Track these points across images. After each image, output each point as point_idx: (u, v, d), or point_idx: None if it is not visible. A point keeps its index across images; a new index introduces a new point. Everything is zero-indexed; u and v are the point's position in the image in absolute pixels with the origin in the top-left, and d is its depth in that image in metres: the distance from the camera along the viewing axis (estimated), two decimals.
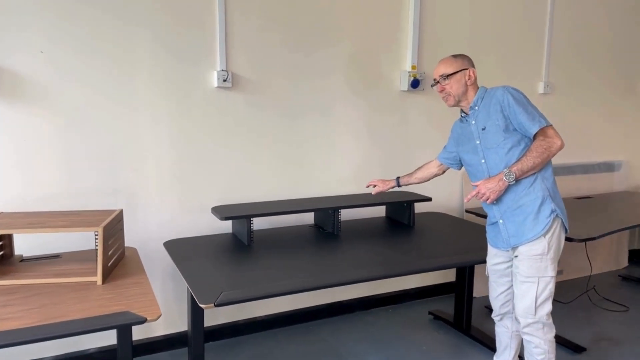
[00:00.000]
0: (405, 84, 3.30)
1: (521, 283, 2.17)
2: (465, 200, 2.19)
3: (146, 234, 2.72)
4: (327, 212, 2.86)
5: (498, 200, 2.19)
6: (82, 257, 2.25)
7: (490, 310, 3.43)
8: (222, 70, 2.75)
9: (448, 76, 2.23)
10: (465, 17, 3.48)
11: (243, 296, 1.91)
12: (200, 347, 2.23)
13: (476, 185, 2.16)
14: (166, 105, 2.67)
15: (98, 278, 1.95)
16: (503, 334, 2.46)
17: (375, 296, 3.48)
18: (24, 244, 2.44)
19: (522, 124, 2.09)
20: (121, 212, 2.25)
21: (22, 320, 1.62)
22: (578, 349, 2.90)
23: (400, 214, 3.13)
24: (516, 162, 2.09)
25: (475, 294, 3.66)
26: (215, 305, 1.81)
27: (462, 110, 2.34)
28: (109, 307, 1.74)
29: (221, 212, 2.57)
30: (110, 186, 2.60)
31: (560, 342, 2.97)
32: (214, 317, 2.96)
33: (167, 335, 2.85)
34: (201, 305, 1.80)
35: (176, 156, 2.74)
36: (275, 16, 2.88)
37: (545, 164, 2.11)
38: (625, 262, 4.45)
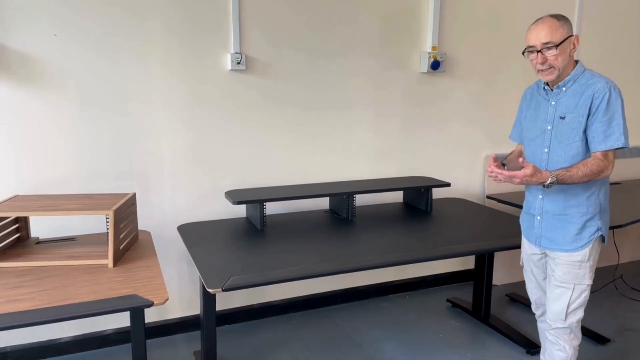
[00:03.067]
0: (425, 66, 3.20)
1: (555, 287, 2.05)
2: (490, 173, 1.93)
3: (162, 218, 2.73)
4: (342, 197, 2.81)
5: (544, 195, 2.03)
6: (96, 240, 2.27)
7: (512, 299, 3.36)
8: (236, 52, 2.71)
9: (557, 46, 1.87)
10: None
11: (251, 281, 1.90)
12: (212, 330, 2.23)
13: (521, 167, 1.89)
14: (179, 88, 2.66)
15: (109, 261, 1.96)
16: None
17: (393, 282, 3.44)
18: (42, 227, 2.48)
19: (595, 134, 1.86)
20: (134, 195, 2.26)
21: (33, 301, 1.64)
22: (602, 339, 2.80)
23: (418, 200, 3.07)
24: (566, 169, 1.88)
25: (495, 282, 3.58)
26: (223, 290, 1.80)
27: (545, 82, 2.02)
28: (118, 290, 1.75)
29: (234, 196, 2.55)
30: (125, 170, 2.61)
31: (584, 332, 2.88)
32: (229, 300, 2.97)
33: (183, 318, 2.88)
34: (209, 290, 1.79)
35: (191, 140, 2.73)
36: (291, 2, 2.82)
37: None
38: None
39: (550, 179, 1.86)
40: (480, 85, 3.43)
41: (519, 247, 2.59)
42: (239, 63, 2.71)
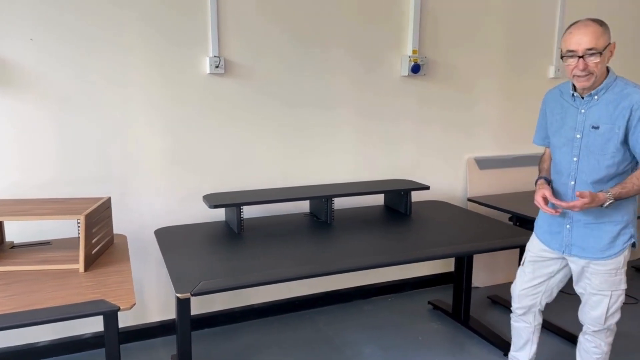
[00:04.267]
0: (406, 69, 3.21)
1: (592, 295, 2.07)
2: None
3: (140, 222, 2.73)
4: (321, 200, 2.82)
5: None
6: (71, 245, 2.27)
7: (494, 301, 3.37)
8: (215, 56, 2.71)
9: (601, 53, 1.81)
10: None
11: (223, 285, 1.90)
12: (187, 334, 2.23)
13: (576, 196, 1.90)
14: (158, 92, 2.66)
15: (80, 266, 1.96)
16: (524, 329, 2.32)
17: (375, 285, 3.44)
18: (20, 231, 2.47)
19: None
20: (109, 199, 2.26)
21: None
22: (573, 338, 2.80)
23: (398, 203, 3.07)
24: (621, 187, 1.88)
25: (478, 284, 3.60)
26: (192, 295, 1.81)
27: (573, 87, 1.98)
28: (86, 295, 1.75)
29: (212, 200, 2.55)
30: (103, 173, 2.62)
31: (563, 335, 2.90)
32: (209, 304, 2.97)
33: (162, 322, 2.88)
34: (177, 295, 1.80)
35: (170, 144, 2.73)
36: (271, 0, 2.82)
37: None
38: None
39: (608, 201, 1.87)
40: (461, 89, 3.44)
41: (498, 249, 2.61)
42: (217, 67, 2.72)
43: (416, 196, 3.19)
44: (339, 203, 3.03)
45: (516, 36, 3.54)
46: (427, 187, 3.02)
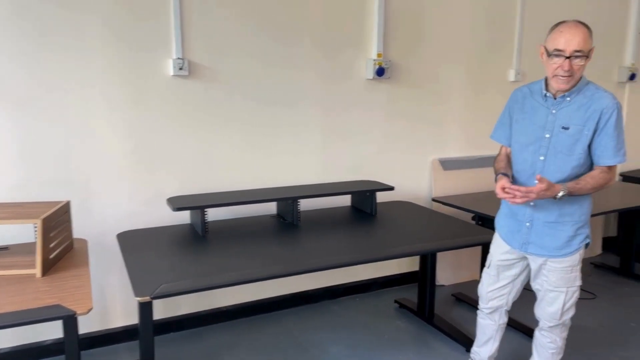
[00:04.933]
0: (371, 72, 3.26)
1: (549, 291, 2.13)
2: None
3: (103, 225, 2.69)
4: (286, 202, 2.83)
5: (537, 203, 2.05)
6: (29, 250, 2.22)
7: (459, 299, 3.44)
8: (178, 58, 2.70)
9: (587, 56, 1.85)
10: (436, 1, 3.42)
11: (184, 288, 1.90)
12: (149, 339, 2.21)
13: (533, 181, 1.97)
14: (121, 94, 2.63)
15: (37, 271, 1.92)
16: (489, 327, 2.38)
17: (343, 285, 3.47)
18: None
19: (606, 150, 1.92)
20: (67, 203, 2.23)
21: None
22: (530, 332, 2.89)
23: (364, 203, 3.11)
24: (576, 182, 1.94)
25: (443, 282, 3.67)
26: (152, 298, 1.80)
27: (546, 87, 2.01)
28: (42, 300, 1.72)
29: (175, 202, 2.54)
30: (64, 177, 2.57)
31: (522, 329, 2.98)
32: (175, 307, 2.95)
33: (126, 327, 2.84)
34: (136, 298, 1.78)
35: (133, 146, 2.70)
36: (236, 1, 2.82)
37: None
38: (598, 250, 4.45)
39: (562, 192, 1.91)
40: (425, 92, 3.51)
41: (461, 247, 2.68)
42: (181, 69, 2.71)
43: (382, 197, 3.23)
44: (306, 204, 3.05)
45: (478, 41, 3.63)
46: (391, 188, 3.07)
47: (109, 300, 2.79)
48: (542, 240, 2.09)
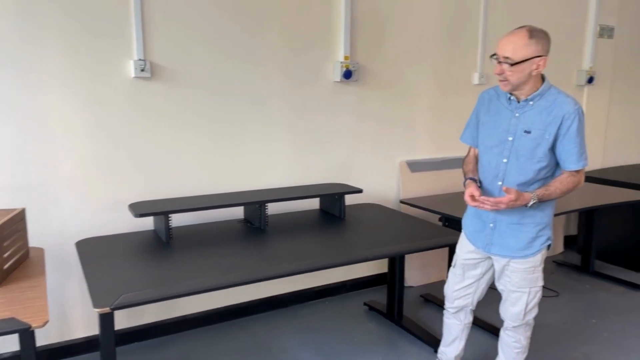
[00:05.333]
0: (338, 75, 3.25)
1: (512, 292, 2.16)
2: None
3: (62, 233, 2.59)
4: (254, 206, 2.79)
5: None
6: None
7: (427, 300, 3.47)
8: (140, 59, 2.62)
9: (513, 64, 1.88)
10: (403, 3, 3.44)
11: (146, 298, 1.84)
12: (110, 351, 2.13)
13: (501, 192, 2.00)
14: (80, 97, 2.53)
15: None
16: (455, 326, 2.41)
17: (312, 289, 3.45)
18: None
19: (570, 155, 1.95)
20: (22, 211, 2.12)
21: None
22: (496, 331, 2.94)
23: (332, 206, 3.10)
24: (545, 189, 1.98)
25: (411, 283, 3.69)
26: (112, 309, 1.73)
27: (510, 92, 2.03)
28: None
29: (138, 208, 2.47)
30: (20, 183, 2.46)
31: (489, 329, 3.02)
32: (138, 316, 2.86)
33: (88, 337, 2.74)
34: (95, 310, 1.71)
35: (93, 150, 2.61)
36: (200, 2, 2.77)
37: None
38: (560, 248, 4.57)
39: (533, 201, 1.95)
40: (392, 94, 3.52)
41: (429, 249, 2.70)
42: (143, 70, 2.63)
43: (350, 199, 3.23)
44: (273, 208, 3.01)
45: (443, 44, 3.67)
46: (360, 191, 3.07)
47: (69, 310, 2.68)
48: (504, 241, 2.12)
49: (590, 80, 4.41)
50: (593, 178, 4.36)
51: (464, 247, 2.29)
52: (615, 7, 4.47)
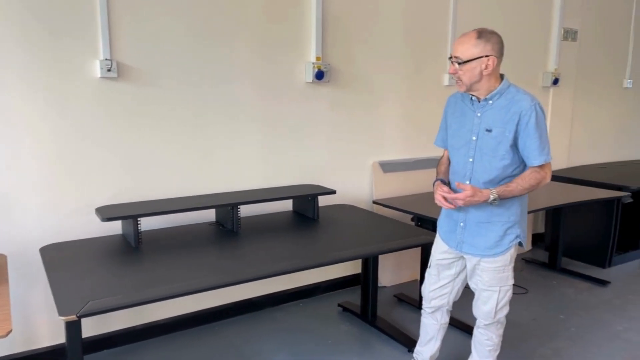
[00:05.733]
0: (310, 76, 3.24)
1: (483, 291, 2.19)
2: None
3: (26, 239, 2.49)
4: (226, 208, 2.75)
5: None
6: None
7: (400, 300, 3.49)
8: (106, 59, 2.55)
9: (462, 63, 1.95)
10: (373, 5, 3.45)
11: (114, 304, 1.78)
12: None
13: (461, 189, 2.02)
14: (42, 97, 2.45)
15: None
16: (431, 326, 2.42)
17: (286, 291, 3.43)
18: None
19: (530, 150, 1.97)
20: None
21: None
22: (471, 330, 2.98)
23: (306, 208, 3.09)
24: (506, 185, 1.99)
25: (385, 284, 3.71)
26: (78, 317, 1.67)
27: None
28: None
29: (105, 212, 2.40)
30: None
31: (453, 323, 3.05)
32: (107, 323, 2.78)
33: (54, 346, 2.64)
34: (61, 317, 1.65)
35: (58, 153, 2.52)
36: (168, 2, 2.71)
37: None
38: (529, 246, 4.68)
39: (492, 197, 1.97)
40: (364, 96, 3.54)
41: (402, 249, 2.71)
42: (109, 70, 2.56)
43: (324, 200, 3.22)
44: (246, 210, 2.97)
45: (413, 46, 3.71)
46: (333, 192, 3.07)
47: (34, 319, 2.59)
48: (474, 239, 2.15)
49: (556, 81, 4.52)
50: (559, 177, 4.48)
51: (438, 248, 2.32)
52: (578, 10, 4.61)
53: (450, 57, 2.02)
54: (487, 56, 1.94)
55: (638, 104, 5.48)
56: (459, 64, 1.96)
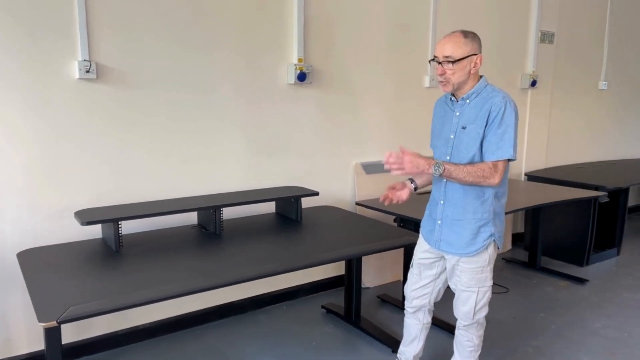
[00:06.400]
0: (292, 77, 3.23)
1: (462, 291, 2.20)
2: (385, 158, 1.99)
3: (3, 243, 2.43)
4: (209, 211, 2.73)
5: (445, 201, 2.14)
6: None
7: (384, 300, 3.50)
8: (85, 60, 2.51)
9: (455, 62, 1.96)
10: (355, 8, 3.47)
11: (96, 309, 1.75)
12: None
13: (402, 153, 1.98)
14: (20, 98, 2.39)
15: None
16: (414, 326, 2.43)
17: (269, 294, 3.41)
18: None
19: (489, 144, 1.98)
20: None
21: None
22: (452, 329, 3.00)
23: (289, 210, 3.08)
24: (454, 164, 2.00)
25: (368, 285, 3.72)
26: (59, 323, 1.64)
27: (452, 93, 2.12)
28: None
29: (85, 216, 2.35)
30: None
31: (437, 323, 3.08)
32: (86, 329, 2.73)
33: (31, 354, 2.58)
34: (40, 324, 1.61)
35: (35, 156, 2.47)
36: (149, 2, 2.68)
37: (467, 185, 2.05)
38: (509, 246, 4.74)
39: (434, 166, 1.94)
40: (347, 97, 3.55)
41: (385, 250, 2.72)
42: (88, 71, 2.52)
43: (307, 202, 3.21)
44: (229, 213, 2.95)
45: (393, 48, 3.73)
46: (316, 193, 3.06)
47: (12, 325, 2.52)
48: (449, 237, 2.17)
49: (534, 83, 4.60)
50: (537, 177, 4.56)
51: (420, 247, 2.34)
52: (555, 14, 4.70)
53: (433, 59, 2.04)
54: (475, 54, 2.00)
55: (613, 106, 5.62)
56: (452, 62, 1.97)
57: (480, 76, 2.10)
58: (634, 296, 3.64)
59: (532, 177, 4.64)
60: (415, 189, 2.30)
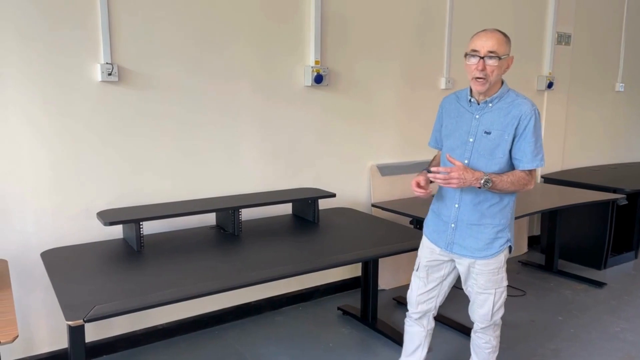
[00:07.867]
0: (309, 79, 3.25)
1: (479, 294, 2.18)
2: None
3: (26, 244, 2.48)
4: (227, 212, 2.75)
5: (461, 205, 2.11)
6: None
7: (399, 302, 3.50)
8: (107, 63, 2.55)
9: (500, 58, 1.91)
10: (371, 10, 3.48)
11: (120, 309, 1.78)
12: None
13: (452, 164, 1.99)
14: (43, 101, 2.44)
15: None
16: (418, 333, 2.36)
17: (286, 295, 3.43)
18: None
19: (524, 154, 1.99)
20: None
21: None
22: (468, 331, 2.99)
23: (305, 211, 3.09)
24: (497, 174, 1.99)
25: (384, 287, 3.72)
26: (85, 321, 1.67)
27: (470, 92, 2.07)
28: None
29: (107, 216, 2.39)
30: None
31: (453, 325, 3.07)
32: (107, 328, 2.77)
33: (54, 352, 2.63)
34: (68, 323, 1.64)
35: (59, 157, 2.51)
36: (169, 4, 2.72)
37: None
38: (525, 248, 4.71)
39: (484, 178, 1.95)
40: (363, 99, 3.56)
41: (401, 252, 2.71)
42: (110, 74, 2.56)
43: (323, 204, 3.23)
44: (247, 214, 2.98)
45: (410, 50, 3.73)
46: (333, 195, 3.08)
47: (34, 324, 2.57)
48: (465, 241, 2.14)
49: (550, 85, 4.58)
50: (554, 180, 4.52)
51: (426, 249, 2.28)
52: (571, 15, 4.67)
53: (475, 52, 1.96)
54: (511, 56, 1.99)
55: (630, 108, 5.56)
56: (499, 59, 1.93)
57: (502, 80, 2.07)
58: None
59: (548, 179, 4.61)
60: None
